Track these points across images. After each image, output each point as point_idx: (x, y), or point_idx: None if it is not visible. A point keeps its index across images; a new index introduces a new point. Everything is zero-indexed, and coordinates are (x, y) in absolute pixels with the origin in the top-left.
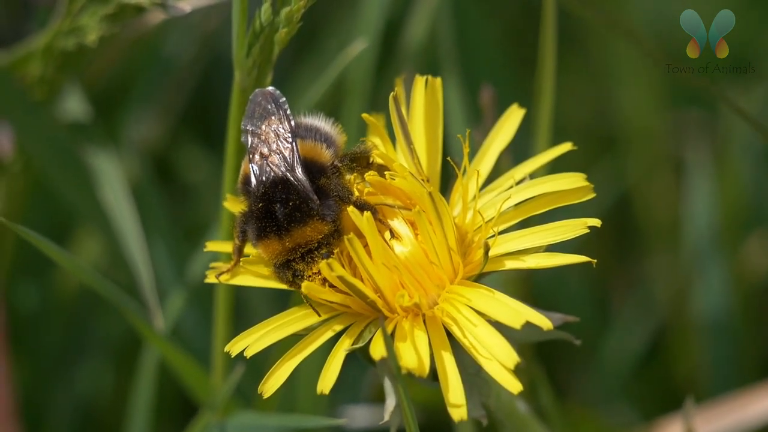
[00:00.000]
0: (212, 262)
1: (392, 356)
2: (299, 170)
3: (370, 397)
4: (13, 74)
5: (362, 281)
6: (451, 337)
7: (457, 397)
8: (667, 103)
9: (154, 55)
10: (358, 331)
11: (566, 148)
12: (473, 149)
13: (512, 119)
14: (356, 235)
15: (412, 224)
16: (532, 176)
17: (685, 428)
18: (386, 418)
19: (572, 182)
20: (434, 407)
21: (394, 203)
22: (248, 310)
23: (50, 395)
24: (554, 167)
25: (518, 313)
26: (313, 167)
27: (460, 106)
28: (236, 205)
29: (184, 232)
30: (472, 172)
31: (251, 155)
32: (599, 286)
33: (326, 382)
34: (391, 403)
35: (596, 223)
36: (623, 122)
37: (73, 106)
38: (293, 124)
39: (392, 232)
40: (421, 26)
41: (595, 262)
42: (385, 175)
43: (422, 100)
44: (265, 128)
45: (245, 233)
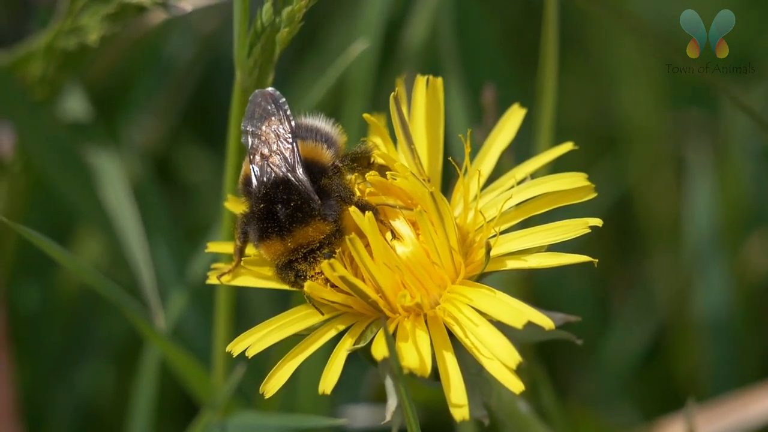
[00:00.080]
0: (213, 261)
1: (394, 356)
2: (300, 170)
3: (371, 397)
4: (13, 74)
5: (364, 281)
6: (452, 337)
7: (459, 396)
8: (667, 103)
9: (155, 55)
10: (359, 331)
11: (567, 147)
12: (474, 149)
13: (513, 119)
14: (358, 235)
15: (413, 224)
16: (533, 176)
17: (686, 428)
18: (388, 418)
19: (573, 182)
20: (436, 407)
21: (395, 203)
22: (249, 310)
23: (51, 395)
24: (555, 167)
25: (520, 312)
26: (314, 168)
27: (461, 105)
28: (237, 205)
29: (185, 232)
30: (473, 171)
31: (252, 156)
32: (600, 285)
33: (328, 382)
34: (392, 403)
35: (597, 222)
36: (624, 122)
37: (74, 105)
38: (293, 124)
39: (394, 232)
40: (422, 26)
41: (596, 261)
42: (386, 175)
43: (423, 100)
44: (265, 129)
45: (246, 234)
